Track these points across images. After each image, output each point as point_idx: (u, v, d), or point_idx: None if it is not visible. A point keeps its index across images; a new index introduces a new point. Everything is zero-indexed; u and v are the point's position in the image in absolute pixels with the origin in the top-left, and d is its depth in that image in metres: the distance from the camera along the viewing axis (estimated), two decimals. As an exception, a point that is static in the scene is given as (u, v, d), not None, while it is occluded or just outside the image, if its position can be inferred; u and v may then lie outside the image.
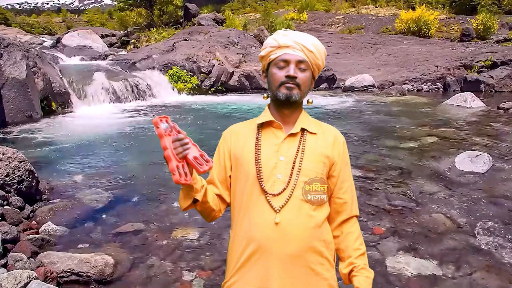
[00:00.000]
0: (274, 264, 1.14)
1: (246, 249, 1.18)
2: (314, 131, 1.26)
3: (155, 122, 1.06)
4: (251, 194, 1.19)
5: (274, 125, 1.25)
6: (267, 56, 1.25)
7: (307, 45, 1.22)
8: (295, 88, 1.20)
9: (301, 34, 1.26)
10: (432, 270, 2.61)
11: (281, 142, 1.22)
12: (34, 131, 6.77)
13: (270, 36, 1.28)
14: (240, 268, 1.19)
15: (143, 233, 3.14)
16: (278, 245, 1.14)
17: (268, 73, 1.26)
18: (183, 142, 1.07)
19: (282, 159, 1.20)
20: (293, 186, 1.17)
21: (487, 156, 4.57)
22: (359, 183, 4.17)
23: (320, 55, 1.25)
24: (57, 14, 55.67)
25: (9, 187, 3.41)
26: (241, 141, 1.26)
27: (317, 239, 1.20)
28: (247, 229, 1.19)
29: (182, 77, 11.31)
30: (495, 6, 23.02)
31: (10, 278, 2.13)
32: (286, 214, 1.16)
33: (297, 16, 24.22)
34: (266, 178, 1.18)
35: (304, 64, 1.21)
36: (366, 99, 10.53)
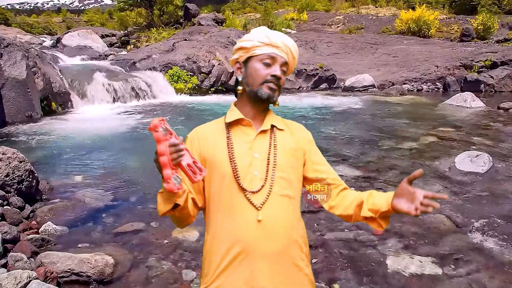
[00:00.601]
0: (260, 263, 1.12)
1: (230, 251, 1.14)
2: (282, 128, 1.27)
3: (154, 126, 1.01)
4: (229, 193, 1.17)
5: (243, 123, 1.23)
6: (250, 49, 1.22)
7: (293, 51, 1.24)
8: (277, 89, 1.21)
9: (287, 37, 1.25)
10: (432, 270, 2.61)
11: (253, 139, 1.21)
12: (34, 131, 6.76)
13: (257, 31, 1.24)
14: (223, 271, 1.15)
15: (143, 233, 3.14)
16: (263, 243, 1.13)
17: (247, 67, 1.23)
18: (179, 148, 1.02)
19: (256, 155, 1.19)
20: (271, 182, 1.17)
21: (487, 156, 4.57)
22: (359, 183, 4.17)
23: (296, 61, 1.28)
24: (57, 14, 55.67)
25: (9, 187, 3.41)
26: (210, 142, 1.23)
27: (298, 234, 1.21)
28: (228, 230, 1.16)
29: (182, 77, 11.31)
30: (495, 6, 23.03)
31: (10, 278, 2.13)
32: (268, 211, 1.15)
33: (297, 16, 24.23)
34: (243, 176, 1.16)
35: (285, 67, 1.23)
36: (366, 99, 10.53)
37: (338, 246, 2.93)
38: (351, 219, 1.24)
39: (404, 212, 1.09)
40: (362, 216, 1.19)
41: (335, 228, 3.20)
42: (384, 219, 1.18)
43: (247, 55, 1.23)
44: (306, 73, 12.85)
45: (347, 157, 5.12)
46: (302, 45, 16.28)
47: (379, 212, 1.16)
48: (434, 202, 1.06)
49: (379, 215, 1.17)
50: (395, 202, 1.12)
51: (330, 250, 2.88)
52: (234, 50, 1.29)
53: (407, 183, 1.12)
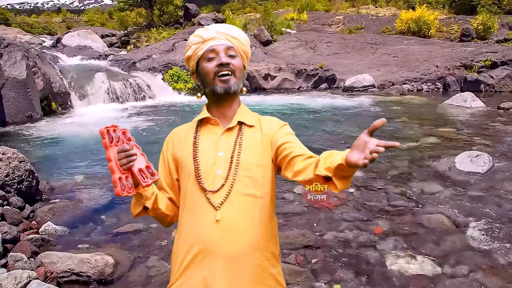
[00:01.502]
0: (219, 264, 1.11)
1: (190, 250, 1.15)
2: (252, 124, 1.23)
3: (101, 133, 1.06)
4: (192, 192, 1.17)
5: (211, 122, 1.24)
6: (194, 54, 1.23)
7: (230, 33, 1.22)
8: (231, 77, 1.18)
9: (223, 24, 1.26)
10: (432, 270, 2.61)
11: (218, 137, 1.20)
12: (34, 131, 6.77)
13: (191, 36, 1.25)
14: (184, 270, 1.15)
15: (143, 233, 3.14)
16: (221, 243, 1.11)
17: (198, 71, 1.24)
18: (128, 154, 1.06)
19: (221, 154, 1.18)
20: (232, 181, 1.14)
21: (487, 156, 4.57)
22: (359, 183, 4.17)
23: (245, 40, 1.25)
24: (57, 14, 55.66)
25: (9, 187, 3.41)
26: (181, 142, 1.25)
27: (263, 234, 1.17)
28: (190, 229, 1.16)
29: (182, 77, 11.31)
30: (495, 6, 23.02)
31: (10, 278, 2.13)
32: (227, 211, 1.13)
33: (297, 16, 24.22)
34: (205, 175, 1.16)
35: (232, 50, 1.21)
36: (366, 99, 10.53)
37: (338, 246, 2.93)
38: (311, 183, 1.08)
39: (352, 163, 0.90)
40: (316, 174, 1.02)
41: (335, 228, 3.20)
42: (341, 180, 0.99)
43: (194, 61, 1.24)
44: (306, 73, 12.85)
45: (347, 157, 5.11)
46: (302, 45, 16.27)
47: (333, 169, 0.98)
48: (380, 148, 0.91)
49: (335, 173, 0.98)
50: (349, 155, 0.93)
51: (330, 250, 2.88)
52: (186, 64, 1.31)
53: (367, 134, 0.94)
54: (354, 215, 3.42)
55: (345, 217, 3.40)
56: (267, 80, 12.50)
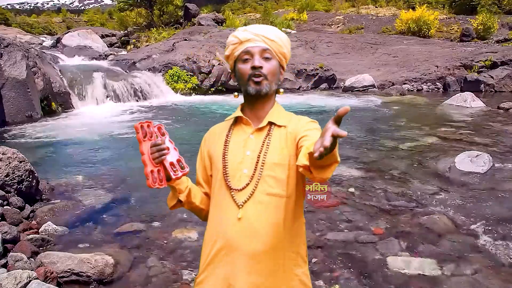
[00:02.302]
0: (240, 261, 1.13)
1: (214, 245, 1.19)
2: (283, 124, 1.22)
3: (135, 128, 1.14)
4: (219, 190, 1.21)
5: (243, 121, 1.26)
6: (231, 54, 1.25)
7: (267, 35, 1.22)
8: (263, 80, 1.19)
9: (262, 26, 1.26)
10: (432, 270, 2.61)
11: (247, 137, 1.22)
12: (34, 131, 6.76)
13: (229, 36, 1.27)
14: (209, 264, 1.20)
15: (143, 233, 3.14)
16: (243, 241, 1.13)
17: (236, 71, 1.26)
18: (160, 148, 1.12)
19: (248, 153, 1.19)
20: (257, 180, 1.16)
21: (487, 156, 4.57)
22: (359, 183, 4.17)
23: (283, 43, 1.24)
24: (57, 14, 55.66)
25: (9, 187, 3.41)
26: (215, 140, 1.29)
27: (287, 234, 1.17)
28: (215, 226, 1.21)
29: (182, 77, 11.31)
30: (495, 6, 23.02)
31: (10, 278, 2.13)
32: (250, 209, 1.14)
33: (297, 16, 24.22)
34: (232, 173, 1.19)
35: (268, 53, 1.21)
36: (366, 99, 10.53)
37: (338, 246, 2.93)
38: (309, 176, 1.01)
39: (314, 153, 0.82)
40: (299, 165, 0.99)
41: (335, 228, 3.20)
42: (319, 169, 0.93)
43: (233, 61, 1.27)
44: (306, 73, 12.84)
45: (347, 157, 5.11)
46: (302, 45, 16.27)
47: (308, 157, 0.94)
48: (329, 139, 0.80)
49: (312, 162, 0.92)
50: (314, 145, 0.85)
51: (330, 250, 2.88)
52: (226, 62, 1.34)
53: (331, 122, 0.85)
54: (354, 215, 3.42)
55: (345, 217, 3.40)
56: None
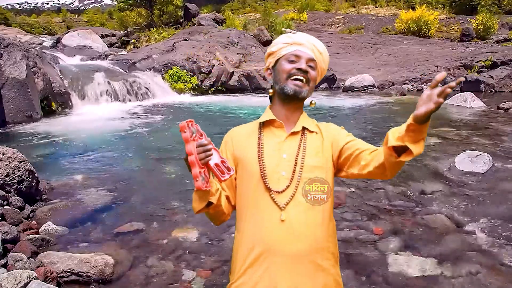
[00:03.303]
0: (282, 263, 1.14)
1: (253, 249, 1.17)
2: (314, 130, 1.27)
3: (182, 127, 1.08)
4: (256, 193, 1.20)
5: (275, 124, 1.26)
6: (277, 51, 1.26)
7: (318, 47, 1.25)
8: (304, 84, 1.21)
9: (314, 37, 1.28)
10: (432, 270, 2.61)
11: (283, 140, 1.23)
12: (34, 131, 6.76)
13: (281, 35, 1.29)
14: (248, 268, 1.18)
15: (143, 233, 3.14)
16: (285, 243, 1.14)
17: (275, 69, 1.26)
18: (206, 148, 1.08)
19: (285, 156, 1.21)
20: (296, 182, 1.18)
21: (487, 156, 4.56)
22: (359, 183, 4.17)
23: (326, 58, 1.28)
24: (57, 14, 55.65)
25: (9, 187, 3.41)
26: (243, 142, 1.27)
27: (324, 235, 1.20)
28: (253, 228, 1.19)
29: (182, 77, 11.31)
30: (495, 6, 23.02)
31: (10, 278, 2.13)
32: (292, 211, 1.16)
33: (297, 16, 24.23)
34: (270, 176, 1.19)
35: (313, 63, 1.24)
36: (366, 99, 10.53)
37: (338, 246, 2.92)
38: (385, 169, 1.12)
39: (424, 113, 0.97)
40: (389, 146, 1.06)
41: (335, 228, 3.20)
42: (415, 144, 1.04)
43: (275, 58, 1.27)
44: (306, 73, 12.84)
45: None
46: (302, 45, 16.25)
47: (402, 136, 1.04)
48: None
49: (407, 138, 1.03)
50: (417, 112, 0.99)
51: (330, 250, 2.87)
52: (265, 59, 1.34)
53: (429, 89, 0.99)
54: (354, 215, 3.43)
55: (345, 217, 3.40)
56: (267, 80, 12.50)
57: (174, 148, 5.55)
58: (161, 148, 5.60)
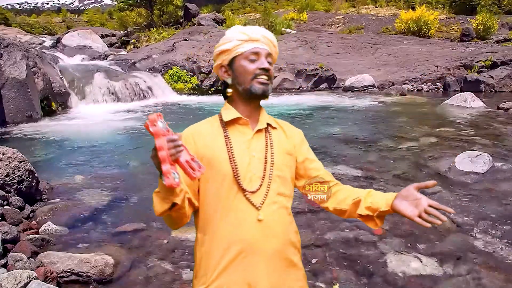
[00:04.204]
0: (261, 261, 1.14)
1: (229, 250, 1.14)
2: (275, 126, 1.29)
3: (152, 120, 0.97)
4: (229, 193, 1.16)
5: (240, 122, 1.23)
6: (233, 50, 1.20)
7: (273, 40, 1.24)
8: (269, 82, 1.21)
9: (263, 29, 1.26)
10: (432, 270, 2.61)
11: (251, 138, 1.22)
12: (34, 131, 6.76)
13: (232, 31, 1.23)
14: (223, 271, 1.14)
15: (143, 233, 3.14)
16: (263, 241, 1.15)
17: (234, 68, 1.22)
18: (177, 144, 0.98)
19: (255, 154, 1.20)
20: (268, 181, 1.18)
21: (487, 156, 4.57)
22: (359, 183, 4.17)
23: (277, 51, 1.28)
24: (57, 14, 55.61)
25: (9, 187, 3.41)
26: (208, 141, 1.21)
27: (293, 231, 1.24)
28: (229, 229, 1.15)
29: (182, 77, 11.31)
30: (495, 6, 23.03)
31: (10, 278, 2.13)
32: (267, 210, 1.17)
33: (297, 16, 24.22)
34: (242, 175, 1.17)
35: (270, 58, 1.23)
36: (366, 99, 10.53)
37: (338, 246, 2.93)
38: (344, 214, 1.24)
39: (406, 215, 1.11)
40: (358, 213, 1.20)
41: (335, 228, 3.20)
42: (380, 218, 1.20)
43: (230, 56, 1.21)
44: (306, 73, 12.85)
45: (347, 157, 5.12)
46: (302, 45, 16.27)
47: (377, 211, 1.17)
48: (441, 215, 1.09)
49: (377, 214, 1.18)
50: (397, 203, 1.13)
51: (330, 250, 2.87)
52: (214, 56, 1.26)
53: (415, 189, 1.13)
54: (354, 215, 3.42)
55: (345, 217, 3.39)
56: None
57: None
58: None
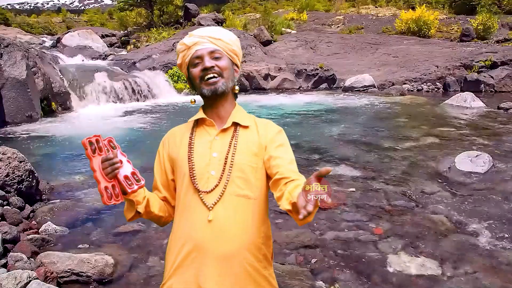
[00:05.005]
0: (209, 263, 1.13)
1: (182, 249, 1.17)
2: (247, 124, 1.24)
3: (83, 144, 1.09)
4: (186, 193, 1.19)
5: (206, 122, 1.25)
6: (183, 62, 1.25)
7: (213, 35, 1.22)
8: (218, 78, 1.19)
9: (207, 28, 1.26)
10: (432, 270, 2.61)
11: (213, 138, 1.21)
12: (34, 131, 6.77)
13: (178, 44, 1.28)
14: (177, 268, 1.17)
15: (143, 233, 3.14)
16: (213, 243, 1.13)
17: (190, 78, 1.25)
18: (112, 162, 1.09)
19: (215, 155, 1.19)
20: (225, 182, 1.16)
21: (487, 156, 4.57)
22: (359, 183, 4.17)
23: (230, 40, 1.24)
24: (57, 14, 55.55)
25: (9, 187, 3.41)
26: (177, 142, 1.26)
27: (255, 236, 1.17)
28: (183, 228, 1.18)
29: (182, 77, 11.31)
30: (495, 6, 23.02)
31: (10, 278, 2.13)
32: (220, 211, 1.14)
33: (297, 16, 24.20)
34: (199, 175, 1.17)
35: (217, 53, 1.21)
36: (366, 99, 10.53)
37: (338, 246, 2.93)
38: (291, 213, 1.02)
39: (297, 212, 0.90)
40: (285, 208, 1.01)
41: (335, 228, 3.20)
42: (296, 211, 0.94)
43: (185, 68, 1.26)
44: (306, 73, 12.84)
45: (347, 157, 5.12)
46: (302, 45, 16.27)
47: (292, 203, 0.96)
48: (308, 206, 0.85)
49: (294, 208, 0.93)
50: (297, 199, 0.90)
51: (330, 250, 2.88)
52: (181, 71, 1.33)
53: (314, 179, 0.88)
54: (354, 215, 3.42)
55: (345, 217, 3.40)
56: (267, 80, 12.51)
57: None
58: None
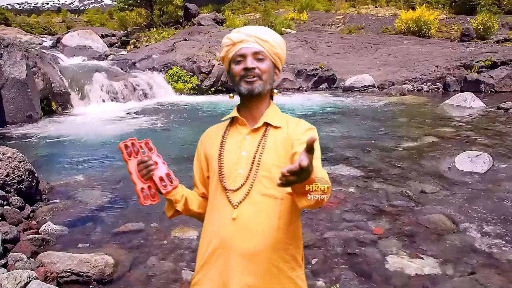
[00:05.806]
0: (233, 261, 1.14)
1: (209, 246, 1.19)
2: (278, 125, 1.23)
3: (120, 148, 1.16)
4: (215, 190, 1.22)
5: (238, 121, 1.27)
6: (226, 56, 1.27)
7: (260, 36, 1.22)
8: (256, 80, 1.20)
9: (255, 27, 1.26)
10: (432, 270, 2.61)
11: (243, 137, 1.23)
12: (34, 131, 6.77)
13: (224, 37, 1.28)
14: (204, 264, 1.20)
15: (143, 233, 3.14)
16: (237, 241, 1.14)
17: (230, 73, 1.27)
18: (147, 164, 1.16)
19: (244, 154, 1.20)
20: (252, 181, 1.17)
21: (487, 156, 4.57)
22: (359, 183, 4.17)
23: (276, 43, 1.25)
24: (57, 14, 55.53)
25: (9, 187, 3.41)
26: (211, 141, 1.29)
27: (282, 236, 1.16)
28: (211, 226, 1.21)
29: (182, 77, 11.30)
30: (495, 6, 23.02)
31: (10, 278, 2.13)
32: (245, 210, 1.15)
33: (297, 16, 24.20)
34: (228, 174, 1.20)
35: (261, 54, 1.22)
36: (366, 99, 10.53)
37: (338, 246, 2.93)
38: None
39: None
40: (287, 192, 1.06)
41: (335, 228, 3.20)
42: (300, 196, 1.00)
43: (227, 63, 1.28)
44: (306, 73, 12.84)
45: (347, 157, 5.12)
46: (302, 45, 16.26)
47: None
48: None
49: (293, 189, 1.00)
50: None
51: (330, 249, 2.88)
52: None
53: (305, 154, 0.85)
54: (354, 215, 3.43)
55: (345, 217, 3.40)
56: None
57: (174, 147, 5.55)
58: (161, 148, 5.60)
